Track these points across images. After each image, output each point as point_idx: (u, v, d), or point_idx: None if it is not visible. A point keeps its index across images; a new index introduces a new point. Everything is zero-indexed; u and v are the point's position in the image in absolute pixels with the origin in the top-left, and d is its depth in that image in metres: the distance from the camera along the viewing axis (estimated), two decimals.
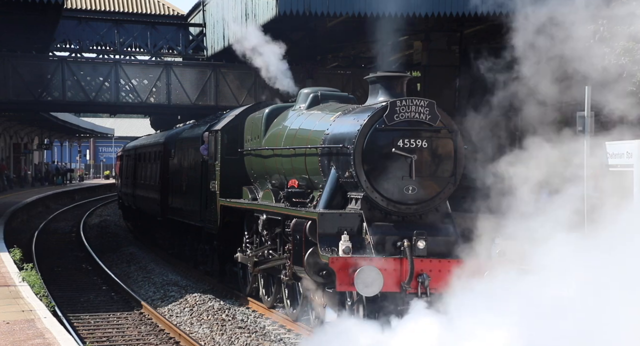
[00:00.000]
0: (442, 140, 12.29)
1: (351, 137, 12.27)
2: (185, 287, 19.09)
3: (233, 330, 14.60)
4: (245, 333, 14.34)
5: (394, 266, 11.51)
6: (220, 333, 14.41)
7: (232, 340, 13.84)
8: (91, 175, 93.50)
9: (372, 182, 12.14)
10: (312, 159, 13.60)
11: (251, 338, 13.89)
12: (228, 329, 14.67)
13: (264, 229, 14.85)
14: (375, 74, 13.00)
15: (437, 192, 12.29)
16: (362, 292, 11.26)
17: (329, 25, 25.71)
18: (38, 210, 42.95)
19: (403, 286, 11.45)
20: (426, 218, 12.32)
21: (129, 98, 30.16)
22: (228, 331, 14.47)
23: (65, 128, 64.04)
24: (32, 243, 26.97)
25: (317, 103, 15.16)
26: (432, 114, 12.20)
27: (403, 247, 11.63)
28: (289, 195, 13.86)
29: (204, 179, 18.87)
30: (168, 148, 23.87)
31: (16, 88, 28.79)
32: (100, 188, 64.78)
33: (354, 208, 12.34)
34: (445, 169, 12.30)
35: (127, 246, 28.14)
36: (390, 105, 12.14)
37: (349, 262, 11.36)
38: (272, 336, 14.05)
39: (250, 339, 13.84)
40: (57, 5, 21.72)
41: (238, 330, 14.58)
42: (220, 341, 13.86)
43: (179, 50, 32.14)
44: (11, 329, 11.54)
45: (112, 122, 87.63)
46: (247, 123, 17.18)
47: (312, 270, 11.99)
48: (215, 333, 14.42)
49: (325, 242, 11.77)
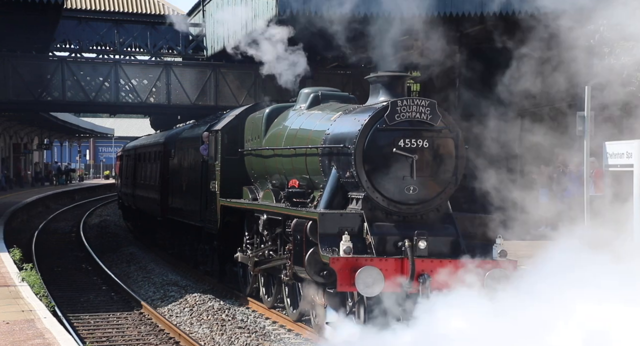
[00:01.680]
0: (443, 140, 12.22)
1: (352, 136, 12.23)
2: (185, 287, 19.08)
3: (233, 330, 14.58)
4: (245, 333, 14.31)
5: (395, 266, 11.47)
6: (220, 333, 14.39)
7: (232, 340, 13.81)
8: (91, 175, 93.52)
9: (373, 182, 12.09)
10: (312, 159, 13.57)
11: (251, 338, 13.86)
12: (228, 329, 14.64)
13: (264, 229, 14.81)
14: (376, 73, 12.97)
15: (438, 192, 12.23)
16: (363, 292, 11.21)
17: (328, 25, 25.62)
18: (38, 210, 42.91)
19: (404, 287, 11.42)
20: (427, 218, 12.26)
21: (129, 98, 30.17)
22: (228, 331, 14.44)
23: (65, 128, 64.05)
24: (32, 243, 26.94)
25: (317, 103, 15.14)
26: (433, 114, 12.15)
27: (404, 247, 11.58)
28: (289, 195, 13.83)
29: (204, 179, 18.82)
30: (168, 148, 23.83)
31: (16, 88, 28.80)
32: (100, 188, 64.71)
33: (355, 208, 12.30)
34: (446, 169, 12.23)
35: (127, 246, 28.13)
36: (391, 105, 12.10)
37: (350, 262, 11.32)
38: (272, 336, 14.03)
39: (250, 339, 13.82)
40: (57, 5, 21.70)
41: (238, 330, 14.56)
42: (220, 341, 13.83)
43: (178, 50, 32.09)
44: (11, 329, 11.50)
45: (111, 122, 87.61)
46: (247, 123, 17.14)
47: (313, 270, 11.95)
48: (215, 333, 14.40)
49: (326, 242, 11.72)
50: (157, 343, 13.79)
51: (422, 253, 11.59)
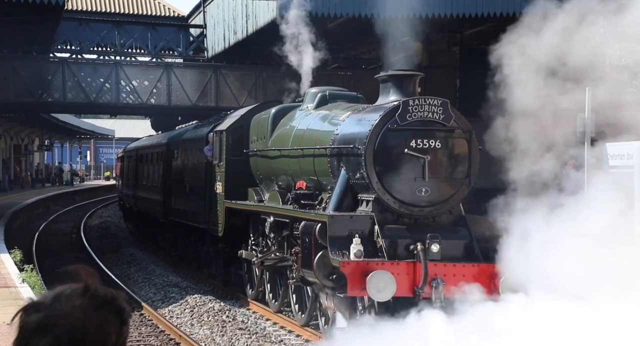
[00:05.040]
0: (456, 141, 11.93)
1: (362, 137, 11.93)
2: (186, 288, 19.07)
3: (233, 331, 14.57)
4: (245, 334, 14.30)
5: (407, 270, 11.18)
6: (221, 334, 14.39)
7: (232, 341, 13.81)
8: (91, 176, 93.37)
9: (383, 184, 11.79)
10: (320, 160, 13.28)
11: (252, 340, 13.84)
12: (228, 330, 14.64)
13: (271, 231, 14.52)
14: (386, 72, 12.66)
15: (451, 194, 11.93)
16: (375, 297, 10.90)
17: (329, 26, 25.45)
18: (38, 211, 42.80)
19: (416, 292, 11.11)
20: (439, 220, 11.95)
21: (130, 99, 29.96)
22: (228, 333, 14.44)
23: (66, 130, 63.85)
24: (32, 245, 26.83)
25: (325, 103, 14.83)
26: (446, 114, 11.85)
27: (416, 251, 11.30)
28: (297, 197, 13.53)
29: (208, 180, 18.55)
30: (171, 149, 23.58)
31: (17, 89, 28.62)
32: (101, 190, 64.60)
33: (365, 210, 12.00)
34: (459, 170, 11.95)
35: (128, 247, 28.07)
36: (403, 104, 11.80)
37: (360, 266, 11.02)
38: (273, 337, 13.98)
39: (251, 340, 13.80)
40: (57, 7, 21.47)
41: (238, 331, 14.55)
42: (220, 342, 13.84)
43: (179, 52, 31.91)
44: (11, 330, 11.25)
45: (112, 123, 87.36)
46: (252, 124, 16.87)
47: (322, 274, 11.65)
48: (215, 335, 14.40)
49: (335, 245, 11.43)
50: (158, 344, 13.79)
51: (435, 257, 11.29)
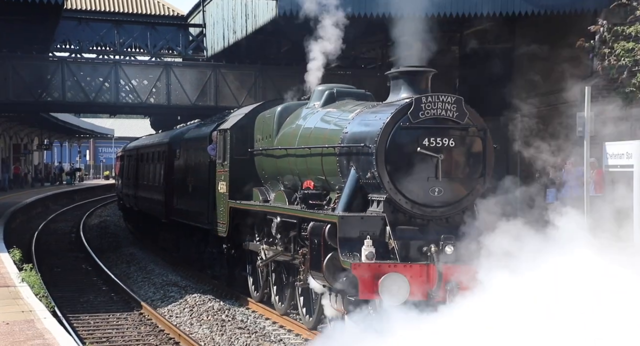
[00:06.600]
0: (470, 139, 11.53)
1: (373, 135, 11.55)
2: (185, 288, 19.01)
3: (233, 330, 14.52)
4: (245, 333, 14.25)
5: (421, 273, 10.83)
6: (220, 333, 14.35)
7: (231, 341, 13.76)
8: (91, 175, 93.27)
9: (395, 183, 11.40)
10: (329, 159, 12.91)
11: (251, 339, 13.78)
12: (228, 329, 14.61)
13: (277, 232, 14.16)
14: (397, 68, 12.30)
15: (465, 194, 11.55)
16: (388, 301, 10.57)
17: None
18: (38, 210, 42.72)
19: (430, 295, 10.77)
20: (453, 221, 11.54)
21: (129, 98, 29.75)
22: (228, 332, 14.40)
23: (65, 129, 63.70)
24: (31, 244, 26.74)
25: (332, 100, 14.46)
26: (460, 111, 11.47)
27: (430, 253, 10.95)
28: (305, 197, 13.15)
29: (211, 180, 18.22)
30: (173, 148, 23.26)
31: (16, 88, 28.43)
32: (100, 189, 64.52)
33: (376, 211, 11.63)
34: (473, 170, 11.58)
35: (127, 246, 27.95)
36: (415, 101, 11.43)
37: (372, 268, 10.69)
38: (272, 336, 13.93)
39: (250, 339, 13.74)
40: (57, 6, 21.25)
41: (238, 330, 14.49)
42: (220, 341, 13.79)
43: (178, 51, 31.69)
44: (11, 330, 11.46)
45: (111, 122, 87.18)
46: (257, 122, 16.53)
47: (332, 276, 11.31)
48: (215, 334, 14.36)
49: (346, 246, 11.09)
50: (157, 344, 13.78)
51: (449, 259, 10.92)
